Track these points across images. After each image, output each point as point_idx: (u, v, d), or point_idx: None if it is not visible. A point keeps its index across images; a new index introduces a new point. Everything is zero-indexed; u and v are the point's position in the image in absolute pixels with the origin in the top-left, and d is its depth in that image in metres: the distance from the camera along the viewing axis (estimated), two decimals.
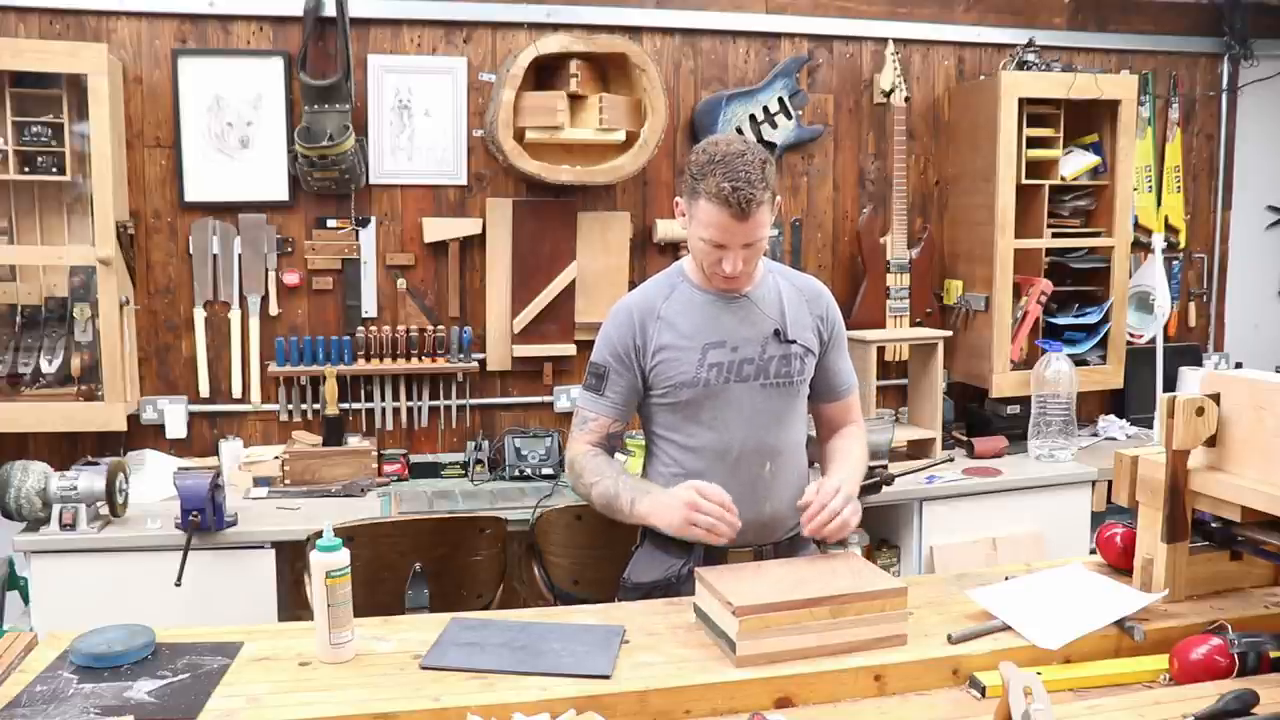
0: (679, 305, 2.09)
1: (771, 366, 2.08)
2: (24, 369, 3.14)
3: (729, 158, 1.92)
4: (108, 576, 2.77)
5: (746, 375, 2.07)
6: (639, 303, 2.12)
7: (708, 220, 1.94)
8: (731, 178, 1.90)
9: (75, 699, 1.53)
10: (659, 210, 3.70)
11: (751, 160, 1.92)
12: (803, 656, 1.66)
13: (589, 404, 2.14)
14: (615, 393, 2.11)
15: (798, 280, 2.20)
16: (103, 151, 3.03)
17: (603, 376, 2.11)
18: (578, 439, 2.16)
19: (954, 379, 3.96)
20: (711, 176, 1.92)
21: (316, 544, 1.70)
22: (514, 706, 1.51)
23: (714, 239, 1.96)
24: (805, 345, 2.12)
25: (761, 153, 1.96)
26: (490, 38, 3.52)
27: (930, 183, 4.00)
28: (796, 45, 3.79)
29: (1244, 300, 4.45)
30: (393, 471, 3.40)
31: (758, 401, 2.08)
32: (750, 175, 1.90)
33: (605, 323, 2.15)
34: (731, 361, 2.06)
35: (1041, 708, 1.35)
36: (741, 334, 2.08)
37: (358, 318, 3.50)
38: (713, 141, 2.00)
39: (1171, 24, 4.17)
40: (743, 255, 1.98)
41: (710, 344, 2.06)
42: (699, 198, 1.95)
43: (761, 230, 1.96)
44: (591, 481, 2.09)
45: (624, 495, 2.03)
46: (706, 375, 2.05)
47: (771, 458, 2.11)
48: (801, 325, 2.12)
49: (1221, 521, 1.86)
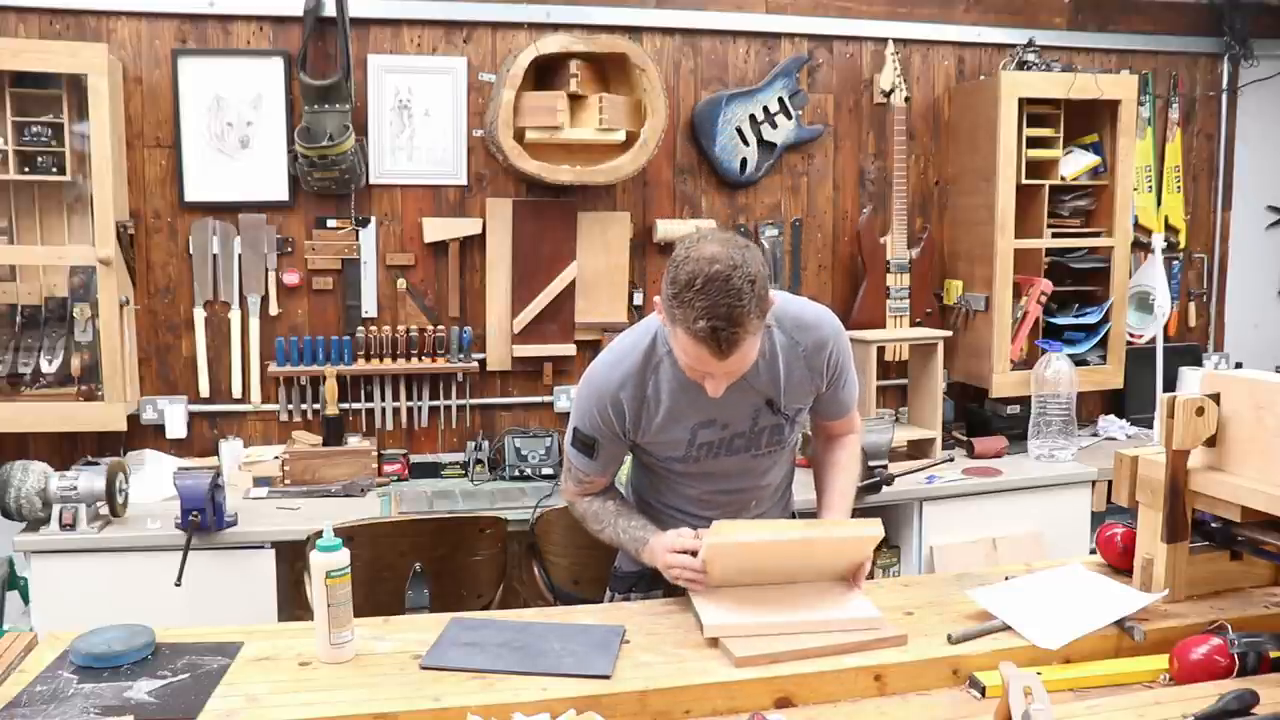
0: (665, 384, 1.91)
1: (763, 437, 2.00)
2: (24, 369, 3.14)
3: (711, 285, 1.65)
4: (108, 576, 2.77)
5: (738, 448, 2.00)
6: (622, 382, 1.92)
7: (685, 349, 1.74)
8: (712, 314, 1.65)
9: (75, 699, 1.53)
10: (659, 210, 3.71)
11: (738, 285, 1.65)
12: (803, 656, 1.66)
13: (582, 465, 2.04)
14: (607, 455, 2.03)
15: (799, 332, 1.95)
16: (103, 151, 3.03)
17: (592, 445, 2.00)
18: (572, 490, 2.11)
19: (954, 379, 3.96)
20: (690, 308, 1.66)
21: (316, 544, 1.70)
22: (514, 706, 1.51)
23: (694, 367, 1.78)
24: (798, 408, 2.02)
25: (750, 270, 1.68)
26: (490, 38, 3.52)
27: (930, 183, 4.00)
28: (796, 45, 3.79)
29: (1244, 300, 4.45)
30: (393, 471, 3.40)
31: (748, 465, 2.04)
32: (733, 310, 1.65)
33: (587, 397, 1.97)
34: (722, 439, 1.98)
35: (1041, 708, 1.35)
36: (733, 411, 1.94)
37: (358, 318, 3.50)
38: (696, 254, 1.69)
39: (1171, 24, 4.17)
40: (726, 381, 1.80)
41: (700, 424, 1.95)
42: (677, 324, 1.71)
43: (747, 359, 1.76)
44: (596, 529, 2.09)
45: (629, 546, 2.02)
46: (696, 453, 1.99)
47: (757, 496, 2.11)
48: (798, 390, 1.98)
49: (1221, 521, 1.86)
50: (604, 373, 1.96)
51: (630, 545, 2.01)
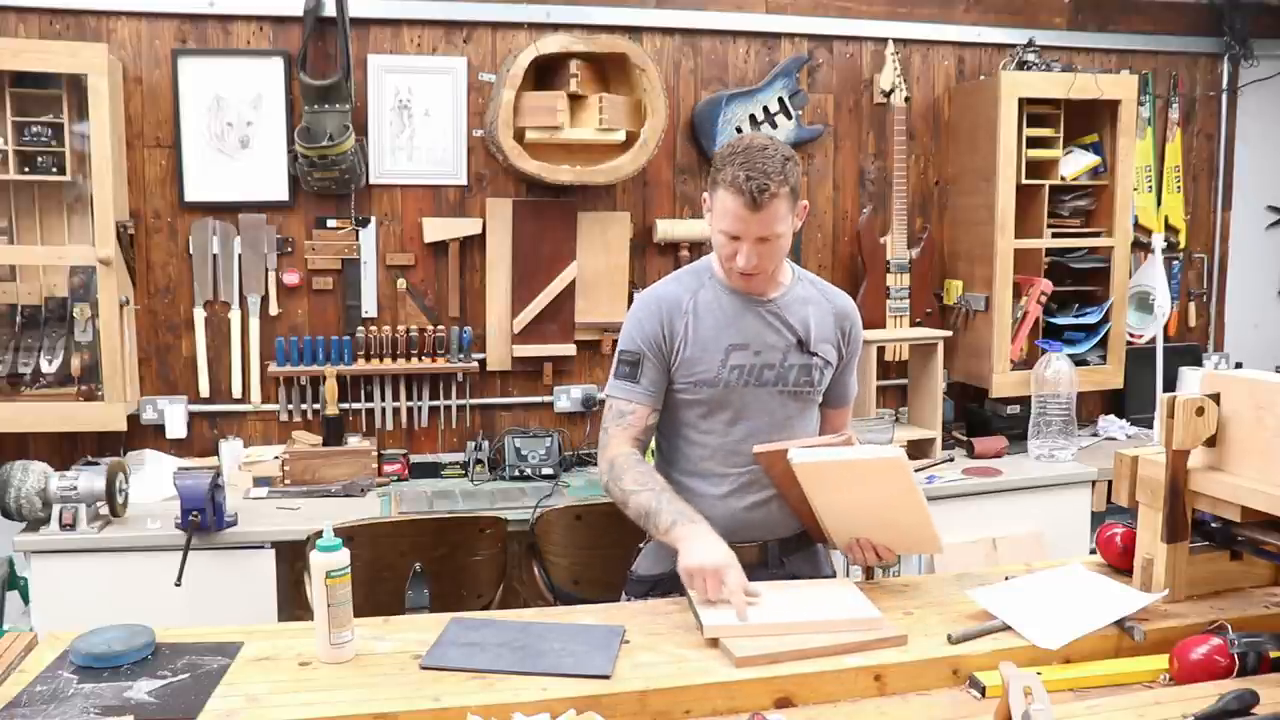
0: (706, 303, 2.08)
1: (791, 375, 2.08)
2: (24, 369, 3.14)
3: (750, 150, 1.94)
4: (108, 576, 2.77)
5: (766, 380, 2.06)
6: (667, 295, 2.10)
7: (723, 210, 1.96)
8: (748, 168, 1.91)
9: (75, 699, 1.53)
10: (659, 210, 3.71)
11: (772, 155, 1.94)
12: (803, 656, 1.66)
13: (626, 393, 2.06)
14: (650, 380, 2.06)
15: (830, 293, 2.18)
16: (103, 151, 3.03)
17: (637, 364, 2.06)
18: (618, 436, 2.06)
19: (954, 379, 3.96)
20: (730, 166, 1.93)
21: (316, 544, 1.70)
22: (514, 706, 1.51)
23: (728, 229, 1.96)
24: (825, 358, 2.11)
25: (787, 150, 1.97)
26: (490, 38, 3.52)
27: (930, 183, 4.00)
28: (796, 45, 3.79)
29: (1244, 300, 4.45)
30: (393, 471, 3.40)
31: (774, 407, 2.07)
32: (767, 167, 1.91)
33: (633, 310, 2.13)
34: (753, 365, 2.06)
35: (1041, 708, 1.35)
36: (765, 339, 2.07)
37: (358, 318, 3.50)
38: (740, 136, 2.03)
39: (1171, 24, 4.17)
40: (758, 250, 1.96)
41: (734, 345, 2.06)
42: (718, 187, 1.97)
43: (777, 225, 1.95)
44: (631, 489, 1.99)
45: (664, 515, 1.93)
46: (727, 376, 2.05)
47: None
48: (825, 338, 2.12)
49: (1221, 521, 1.86)
50: (653, 289, 2.15)
51: (667, 517, 1.92)
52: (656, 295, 2.12)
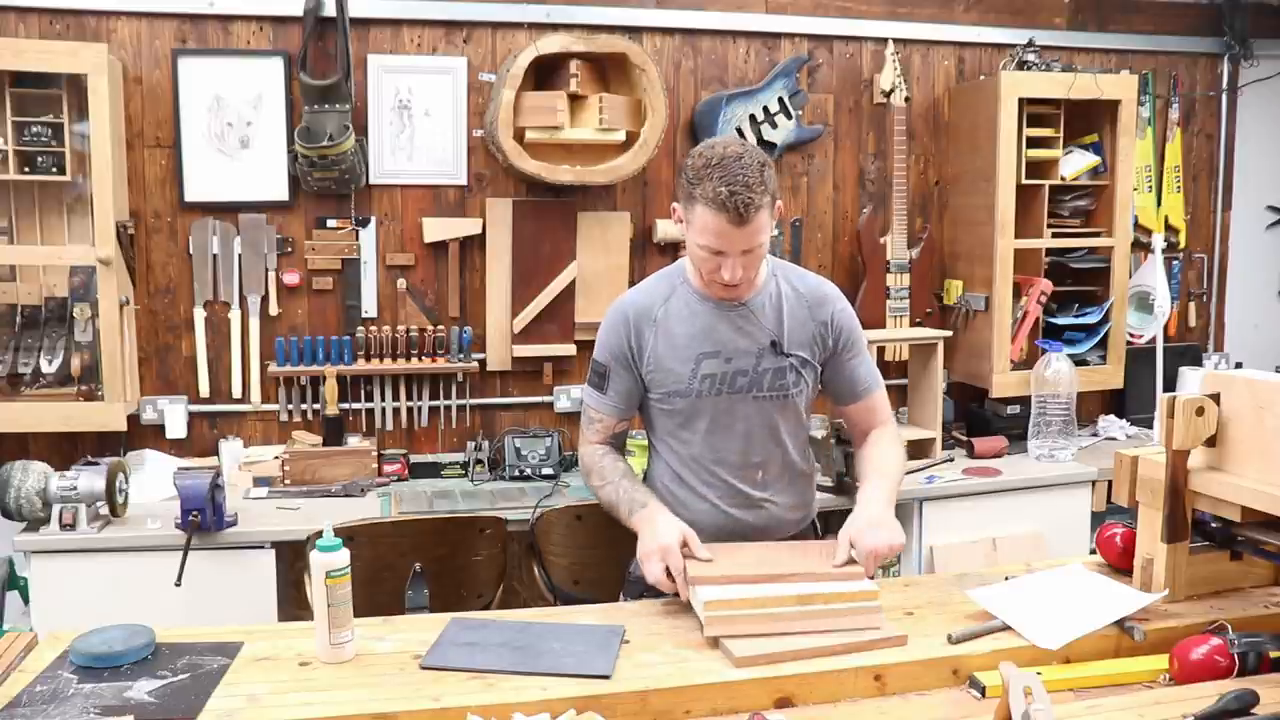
0: (676, 310, 2.06)
1: (765, 379, 2.05)
2: (24, 369, 3.14)
3: (726, 161, 1.86)
4: (108, 576, 2.77)
5: (740, 387, 2.04)
6: (636, 304, 2.10)
7: (704, 226, 1.89)
8: (729, 181, 1.84)
9: (75, 699, 1.53)
10: (659, 210, 3.70)
11: (749, 163, 1.87)
12: (803, 656, 1.66)
13: (595, 402, 2.14)
14: (617, 392, 2.11)
15: (803, 284, 2.11)
16: (103, 151, 3.03)
17: (605, 375, 2.11)
18: (586, 438, 2.18)
19: (954, 379, 3.96)
20: (708, 181, 1.86)
21: (316, 544, 1.70)
22: (514, 706, 1.51)
23: (711, 245, 1.90)
24: (802, 357, 2.07)
25: (760, 155, 1.91)
26: (490, 38, 3.52)
27: (930, 183, 4.00)
28: (796, 45, 3.79)
29: (1244, 300, 4.45)
30: (393, 471, 3.39)
31: (751, 413, 2.06)
32: (748, 179, 1.85)
33: (605, 319, 2.13)
34: (725, 373, 2.03)
35: (1041, 708, 1.35)
36: (736, 345, 2.04)
37: (358, 318, 3.50)
38: (709, 144, 1.94)
39: (1171, 24, 4.17)
40: (742, 262, 1.92)
41: (704, 354, 2.03)
42: (695, 203, 1.89)
43: (761, 235, 1.91)
44: (597, 485, 2.13)
45: (622, 506, 2.05)
46: (699, 386, 2.03)
47: (764, 468, 2.11)
48: (800, 336, 2.07)
49: (1221, 521, 1.86)
50: (624, 298, 2.14)
51: (625, 507, 2.03)
52: (624, 306, 2.11)
